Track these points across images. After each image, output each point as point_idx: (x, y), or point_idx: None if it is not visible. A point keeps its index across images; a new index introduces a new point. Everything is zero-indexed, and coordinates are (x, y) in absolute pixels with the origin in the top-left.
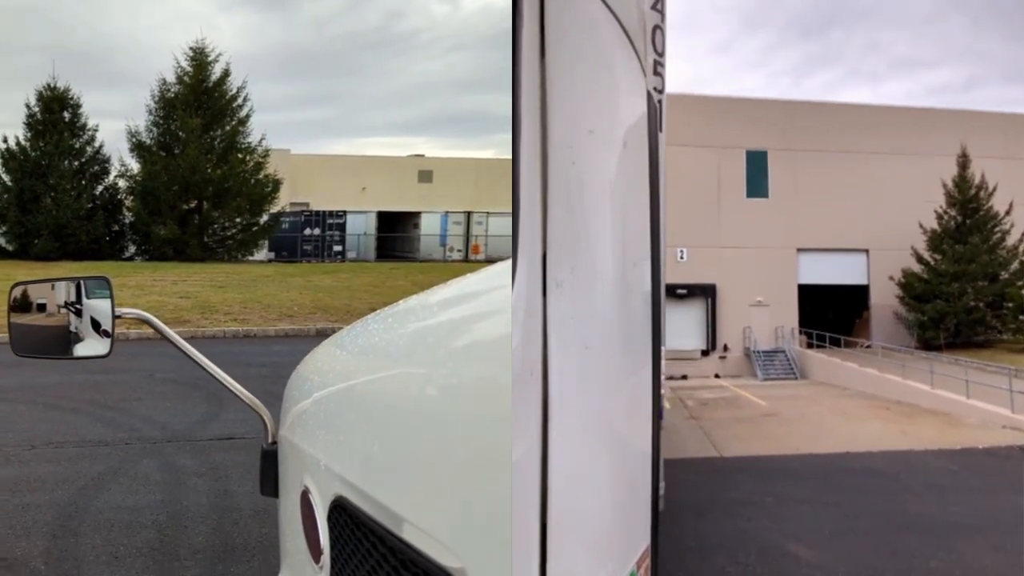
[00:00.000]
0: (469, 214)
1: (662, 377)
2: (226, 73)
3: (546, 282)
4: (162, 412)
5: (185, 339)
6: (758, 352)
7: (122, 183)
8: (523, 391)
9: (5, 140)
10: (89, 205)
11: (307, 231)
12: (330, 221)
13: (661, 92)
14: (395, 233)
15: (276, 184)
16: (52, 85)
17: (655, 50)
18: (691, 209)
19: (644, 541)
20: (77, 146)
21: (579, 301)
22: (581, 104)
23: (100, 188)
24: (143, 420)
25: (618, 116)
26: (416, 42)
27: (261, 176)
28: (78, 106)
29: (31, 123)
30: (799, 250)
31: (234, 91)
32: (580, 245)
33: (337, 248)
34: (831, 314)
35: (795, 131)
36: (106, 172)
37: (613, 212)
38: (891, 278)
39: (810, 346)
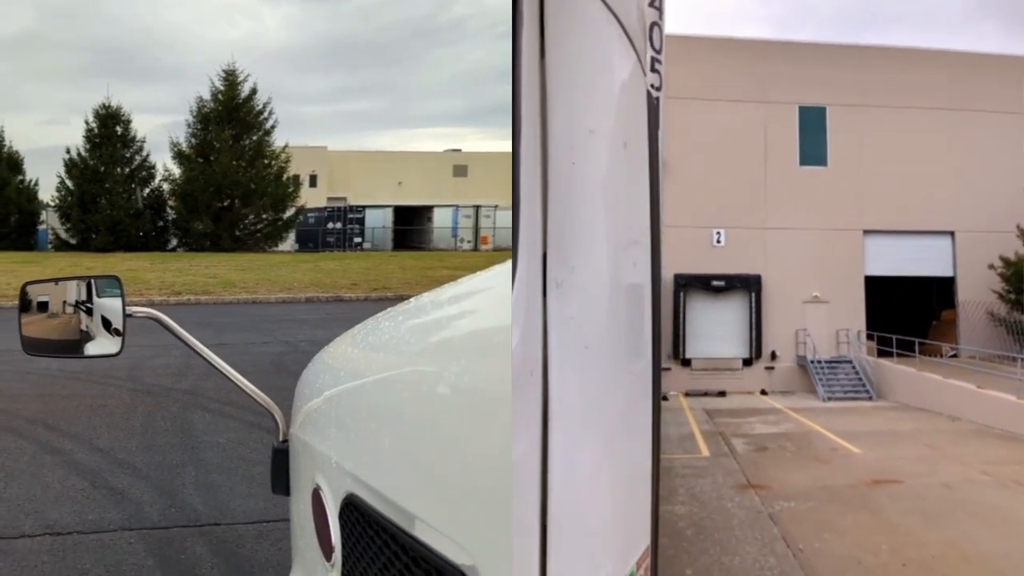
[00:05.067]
0: (478, 208)
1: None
2: (253, 91)
3: (546, 282)
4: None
5: (208, 305)
6: (818, 362)
7: (166, 186)
8: (523, 391)
9: (68, 152)
10: (139, 205)
11: (330, 225)
12: (351, 216)
13: (659, 89)
14: (411, 226)
15: (300, 183)
16: (107, 104)
17: (653, 47)
18: (730, 180)
19: (644, 541)
20: (128, 155)
21: (579, 301)
22: (581, 104)
23: (147, 190)
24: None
25: (618, 116)
26: (466, 30)
27: (284, 179)
28: (129, 121)
29: (89, 137)
30: (866, 232)
31: (260, 106)
32: (580, 245)
33: (357, 240)
34: (903, 314)
35: (861, 82)
36: (152, 177)
37: (613, 212)
38: (991, 267)
39: (882, 354)
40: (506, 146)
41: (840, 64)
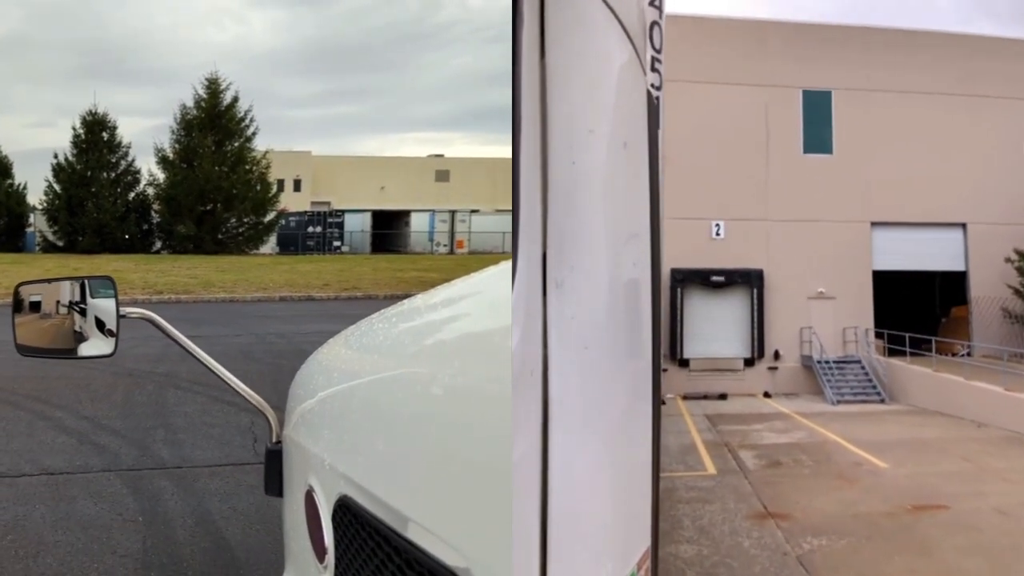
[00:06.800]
0: (454, 213)
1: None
2: (235, 99)
3: (546, 282)
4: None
5: (188, 303)
6: (825, 362)
7: (150, 190)
8: (523, 391)
9: (56, 156)
10: (124, 209)
11: (310, 229)
12: (330, 220)
13: (659, 88)
14: (389, 230)
15: (284, 188)
16: (94, 111)
17: (653, 47)
18: (730, 168)
19: (644, 542)
20: (114, 160)
21: (579, 301)
22: (581, 104)
23: (132, 195)
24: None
25: (618, 116)
26: (454, 34)
27: (266, 182)
28: (115, 127)
29: (76, 142)
30: (873, 224)
31: (242, 114)
32: (580, 245)
33: (337, 243)
34: (910, 310)
35: (868, 65)
36: (137, 181)
37: (613, 212)
38: (1008, 260)
39: (894, 353)
40: (488, 151)
41: (846, 46)
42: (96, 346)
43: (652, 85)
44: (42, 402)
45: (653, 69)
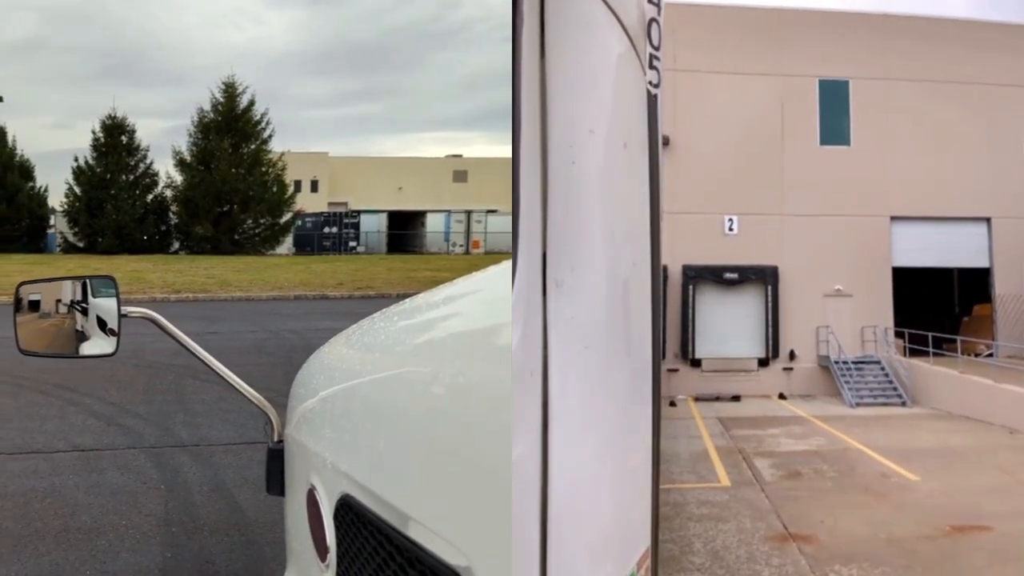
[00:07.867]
0: (469, 213)
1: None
2: (252, 102)
3: (546, 282)
4: None
5: (205, 302)
6: (843, 363)
7: (168, 192)
8: (523, 391)
9: (76, 160)
10: (142, 210)
11: (326, 229)
12: (346, 221)
13: (658, 86)
14: (406, 231)
15: (300, 189)
16: (113, 115)
17: (651, 43)
18: (743, 161)
19: (644, 542)
20: (132, 163)
21: (579, 301)
22: (581, 104)
23: (151, 196)
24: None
25: (618, 115)
26: (472, 33)
27: (283, 184)
28: (133, 131)
29: (96, 146)
30: (893, 219)
31: (258, 116)
32: (580, 245)
33: (353, 244)
34: (928, 308)
35: (888, 53)
36: (155, 184)
37: (613, 212)
38: None
39: (914, 353)
40: (507, 151)
41: (864, 34)
42: (98, 345)
43: (651, 83)
44: (70, 390)
45: (651, 66)
